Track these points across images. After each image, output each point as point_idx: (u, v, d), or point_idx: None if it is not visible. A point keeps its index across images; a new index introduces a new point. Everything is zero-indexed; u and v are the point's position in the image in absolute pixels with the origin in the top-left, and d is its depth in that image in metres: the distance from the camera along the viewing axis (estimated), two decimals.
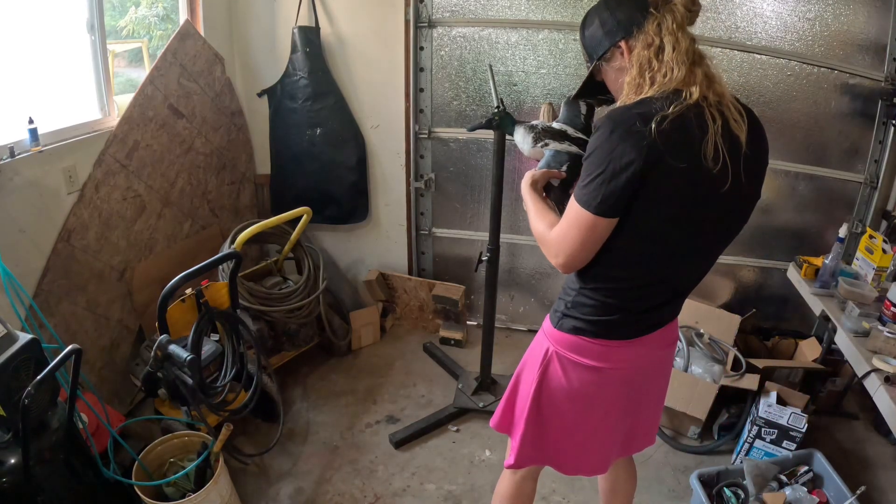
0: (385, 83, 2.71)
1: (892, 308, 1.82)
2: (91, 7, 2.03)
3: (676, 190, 1.03)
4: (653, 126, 0.97)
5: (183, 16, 2.47)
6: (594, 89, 1.25)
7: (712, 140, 1.00)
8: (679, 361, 2.36)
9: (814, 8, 2.35)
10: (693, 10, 1.06)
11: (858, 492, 1.79)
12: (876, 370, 1.65)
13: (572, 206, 1.08)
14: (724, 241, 1.20)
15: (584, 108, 1.71)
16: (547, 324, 1.30)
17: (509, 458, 1.42)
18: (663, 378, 1.41)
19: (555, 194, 1.62)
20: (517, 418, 1.38)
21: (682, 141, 1.00)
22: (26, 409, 1.29)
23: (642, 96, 1.05)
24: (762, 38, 2.41)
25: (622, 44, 1.10)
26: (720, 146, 1.01)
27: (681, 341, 2.49)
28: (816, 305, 2.07)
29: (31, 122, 1.78)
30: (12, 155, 1.75)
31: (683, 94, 1.02)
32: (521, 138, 1.78)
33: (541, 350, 1.30)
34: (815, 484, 1.96)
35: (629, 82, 1.08)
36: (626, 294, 1.16)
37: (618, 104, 1.11)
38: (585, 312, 1.19)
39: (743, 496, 1.89)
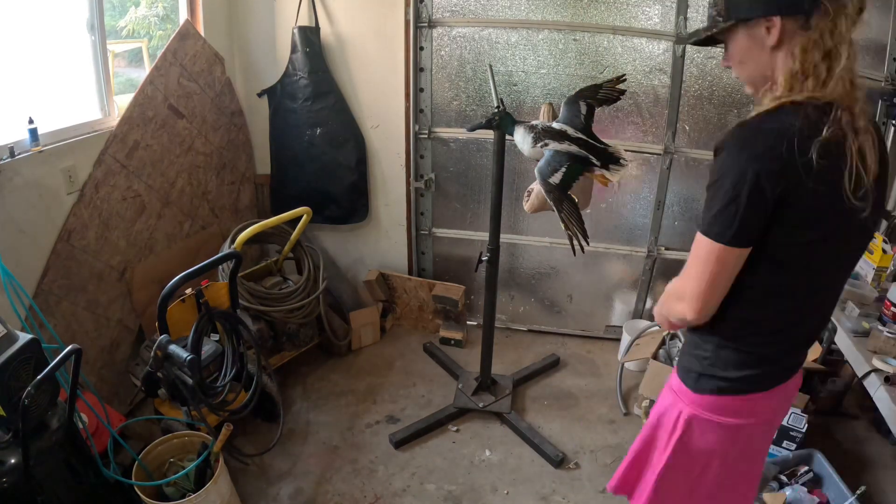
0: (385, 83, 2.70)
1: (892, 308, 1.82)
2: (91, 7, 2.03)
3: (819, 215, 0.94)
4: (786, 144, 0.87)
5: (183, 16, 2.47)
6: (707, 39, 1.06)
7: (853, 161, 0.90)
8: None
9: None
10: (861, 16, 0.93)
11: (858, 492, 1.79)
12: (876, 370, 1.65)
13: (700, 241, 0.98)
14: (850, 272, 1.11)
15: (584, 108, 1.71)
16: (677, 383, 1.18)
17: None
18: (775, 430, 1.34)
19: (554, 195, 1.62)
20: (644, 483, 1.28)
21: (825, 164, 0.88)
22: (26, 409, 1.29)
23: (786, 99, 0.93)
24: None
25: (775, 19, 0.93)
26: (861, 169, 0.91)
27: (679, 340, 2.49)
28: None
29: (31, 122, 1.79)
30: (12, 155, 1.75)
31: (836, 111, 0.89)
32: (521, 138, 1.78)
33: (673, 412, 1.18)
34: (815, 484, 1.96)
35: (788, 77, 0.93)
36: (771, 339, 1.06)
37: (767, 100, 0.96)
38: (730, 368, 1.08)
39: None
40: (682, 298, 1.03)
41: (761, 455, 1.26)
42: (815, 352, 2.45)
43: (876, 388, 1.62)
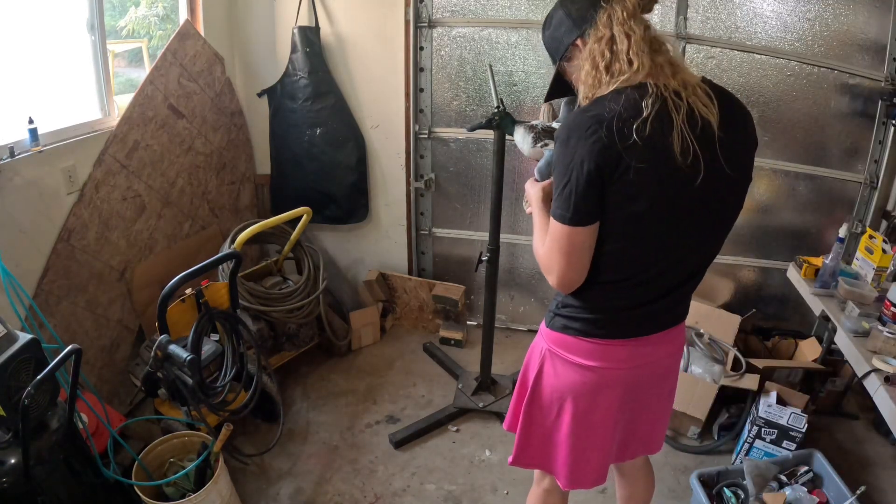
0: (385, 83, 2.71)
1: (892, 308, 1.82)
2: (91, 7, 2.03)
3: (642, 188, 1.00)
4: (604, 127, 0.96)
5: (183, 16, 2.47)
6: (567, 89, 1.21)
7: (679, 133, 0.97)
8: None
9: (814, 8, 2.35)
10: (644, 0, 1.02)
11: (858, 492, 1.79)
12: (876, 370, 1.65)
13: (551, 224, 1.08)
14: (718, 230, 1.15)
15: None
16: (542, 324, 1.31)
17: (512, 457, 1.42)
18: (667, 384, 1.36)
19: None
20: (520, 416, 1.38)
21: (642, 138, 0.96)
22: (26, 409, 1.29)
23: (602, 92, 1.02)
24: (762, 38, 2.42)
25: (578, 42, 1.07)
26: (688, 137, 0.97)
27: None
28: (816, 305, 2.07)
29: (31, 122, 1.78)
30: (12, 155, 1.75)
31: (648, 86, 0.98)
32: (521, 138, 1.78)
33: (537, 349, 1.31)
34: (815, 484, 1.96)
35: (584, 79, 1.05)
36: (612, 293, 1.15)
37: (583, 96, 1.08)
38: (574, 311, 1.19)
39: (743, 496, 1.89)
40: (550, 272, 1.13)
41: (619, 408, 1.27)
42: (815, 352, 2.46)
43: (876, 388, 1.62)
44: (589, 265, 1.10)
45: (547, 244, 1.11)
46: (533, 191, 1.29)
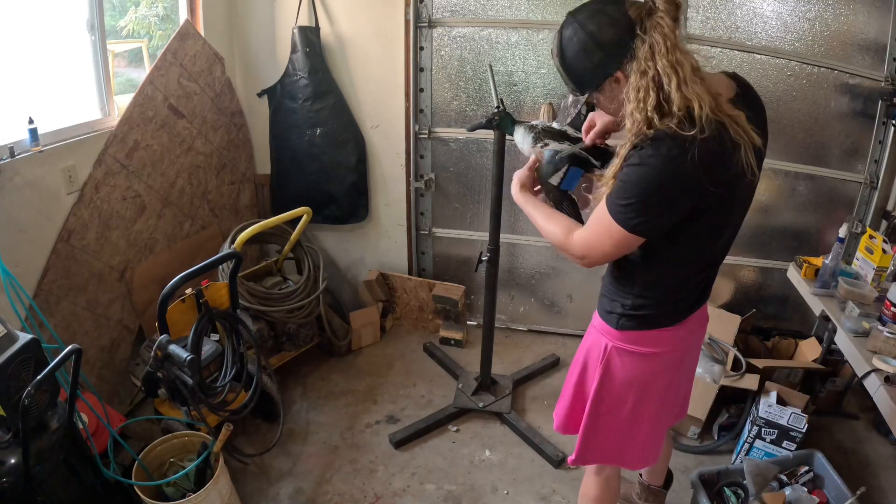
0: (385, 83, 2.70)
1: (892, 308, 1.82)
2: (91, 7, 2.03)
3: (718, 210, 1.11)
4: (695, 161, 0.98)
5: (183, 16, 2.47)
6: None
7: (748, 150, 1.02)
8: None
9: (814, 8, 2.35)
10: (678, 17, 1.01)
11: (859, 492, 1.79)
12: (876, 370, 1.65)
13: (607, 219, 1.10)
14: (741, 223, 1.28)
15: (584, 109, 1.71)
16: (601, 324, 1.37)
17: (572, 455, 1.50)
18: (697, 356, 1.54)
19: (554, 195, 1.62)
20: (584, 417, 1.44)
21: (718, 166, 1.01)
22: (26, 409, 1.29)
23: (660, 127, 1.00)
24: (762, 38, 2.41)
25: (618, 74, 1.05)
26: (750, 155, 1.02)
27: None
28: (816, 305, 2.07)
29: (31, 122, 1.78)
30: (12, 155, 1.75)
31: (696, 114, 0.97)
32: (520, 138, 1.78)
33: (599, 348, 1.37)
34: (815, 484, 1.96)
35: (632, 116, 1.02)
36: (677, 292, 1.28)
37: (633, 131, 1.04)
38: (645, 311, 1.28)
39: (743, 496, 1.89)
40: (581, 256, 1.20)
41: (676, 385, 1.44)
42: (815, 352, 2.46)
43: (876, 388, 1.62)
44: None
45: (594, 235, 1.17)
46: (514, 182, 1.42)
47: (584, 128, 1.38)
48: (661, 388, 1.38)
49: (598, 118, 1.33)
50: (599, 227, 1.13)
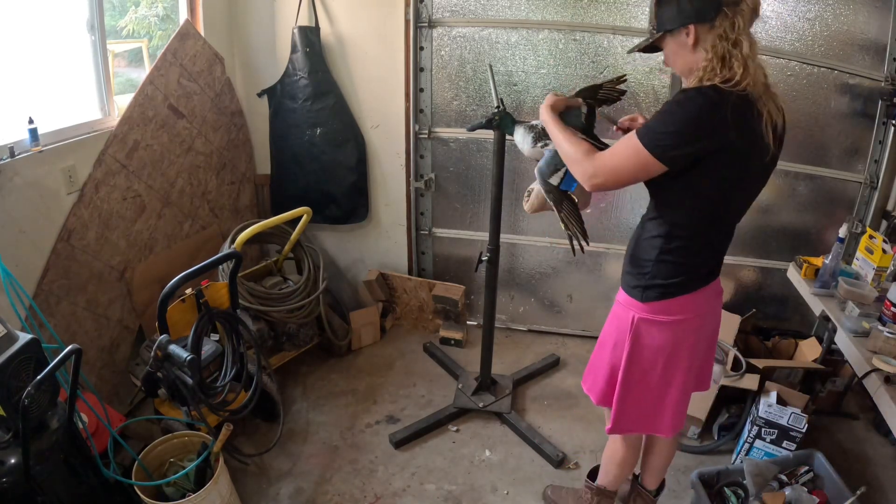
0: (385, 83, 2.70)
1: (892, 308, 1.82)
2: (91, 7, 2.03)
3: (736, 161, 1.24)
4: (729, 112, 1.17)
5: (183, 16, 2.47)
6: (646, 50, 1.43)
7: (768, 125, 1.22)
8: None
9: (814, 8, 2.35)
10: (756, 14, 1.23)
11: (859, 492, 1.79)
12: (876, 370, 1.65)
13: (635, 144, 1.24)
14: (754, 197, 1.42)
15: (584, 108, 1.71)
16: (626, 298, 1.49)
17: (609, 424, 1.59)
18: (717, 325, 1.60)
19: (554, 195, 1.62)
20: (616, 387, 1.53)
21: (747, 125, 1.20)
22: (26, 409, 1.29)
23: (716, 81, 1.20)
24: (762, 38, 2.41)
25: (691, 26, 1.25)
26: (770, 130, 1.23)
27: None
28: (816, 305, 2.07)
29: (31, 122, 1.78)
30: (12, 155, 1.75)
31: (744, 84, 1.19)
32: (521, 138, 1.78)
33: (626, 321, 1.47)
34: (815, 484, 1.96)
35: (706, 66, 1.23)
36: (694, 257, 1.39)
37: (693, 83, 1.25)
38: (667, 276, 1.39)
39: (743, 496, 1.89)
40: (592, 175, 1.32)
41: (697, 351, 1.52)
42: (815, 352, 2.45)
43: (876, 388, 1.62)
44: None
45: (616, 157, 1.29)
46: (545, 103, 1.52)
47: (623, 120, 1.61)
48: (686, 353, 1.47)
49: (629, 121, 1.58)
50: (624, 150, 1.27)
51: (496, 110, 1.89)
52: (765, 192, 2.65)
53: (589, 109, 1.69)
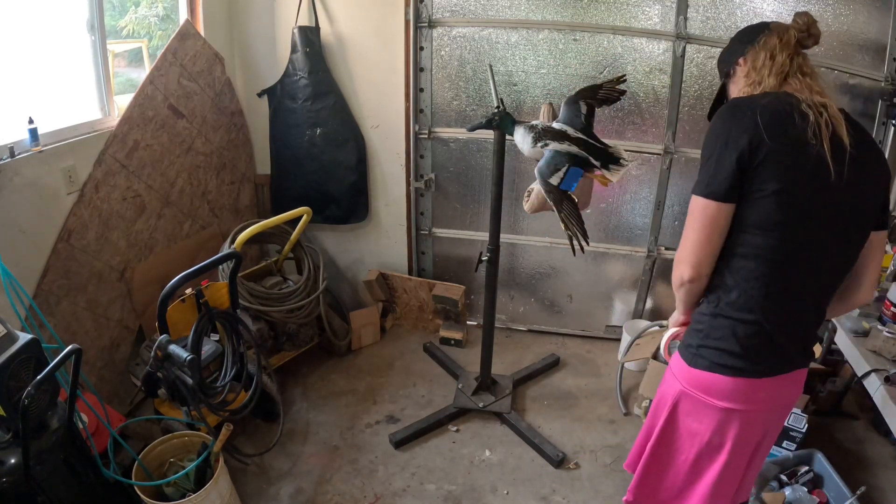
0: (385, 83, 2.70)
1: (892, 308, 1.82)
2: (91, 7, 2.03)
3: (781, 170, 1.08)
4: (756, 110, 1.10)
5: (183, 16, 2.47)
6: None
7: (812, 127, 1.08)
8: None
9: (814, 8, 2.35)
10: (802, 36, 1.24)
11: (859, 492, 1.79)
12: (876, 370, 1.65)
13: (692, 202, 1.15)
14: (843, 245, 1.17)
15: (584, 109, 1.71)
16: (676, 360, 1.28)
17: (627, 494, 1.43)
18: (779, 428, 1.35)
19: (554, 195, 1.62)
20: (643, 455, 1.38)
21: (781, 126, 1.09)
22: (26, 409, 1.29)
23: (745, 91, 1.21)
24: None
25: (740, 60, 1.27)
26: (819, 135, 1.08)
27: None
28: None
29: (31, 122, 1.78)
30: (12, 155, 1.75)
31: (773, 87, 1.17)
32: (521, 138, 1.78)
33: (671, 390, 1.28)
34: (815, 484, 1.96)
35: (744, 85, 1.24)
36: (763, 301, 1.14)
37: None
38: (723, 338, 1.17)
39: None
40: (681, 261, 1.18)
41: (751, 452, 1.27)
42: (814, 351, 2.45)
43: (876, 388, 1.62)
44: (716, 254, 1.16)
45: (684, 233, 1.17)
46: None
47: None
48: (735, 453, 1.24)
49: None
50: (689, 220, 1.16)
51: (496, 110, 1.90)
52: None
53: (589, 109, 1.70)
